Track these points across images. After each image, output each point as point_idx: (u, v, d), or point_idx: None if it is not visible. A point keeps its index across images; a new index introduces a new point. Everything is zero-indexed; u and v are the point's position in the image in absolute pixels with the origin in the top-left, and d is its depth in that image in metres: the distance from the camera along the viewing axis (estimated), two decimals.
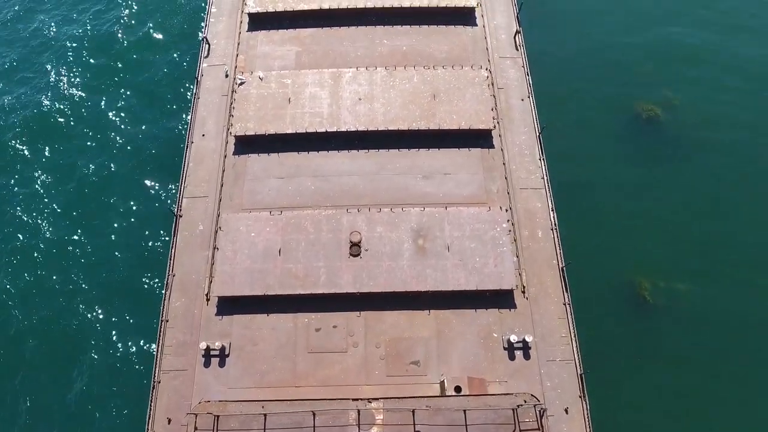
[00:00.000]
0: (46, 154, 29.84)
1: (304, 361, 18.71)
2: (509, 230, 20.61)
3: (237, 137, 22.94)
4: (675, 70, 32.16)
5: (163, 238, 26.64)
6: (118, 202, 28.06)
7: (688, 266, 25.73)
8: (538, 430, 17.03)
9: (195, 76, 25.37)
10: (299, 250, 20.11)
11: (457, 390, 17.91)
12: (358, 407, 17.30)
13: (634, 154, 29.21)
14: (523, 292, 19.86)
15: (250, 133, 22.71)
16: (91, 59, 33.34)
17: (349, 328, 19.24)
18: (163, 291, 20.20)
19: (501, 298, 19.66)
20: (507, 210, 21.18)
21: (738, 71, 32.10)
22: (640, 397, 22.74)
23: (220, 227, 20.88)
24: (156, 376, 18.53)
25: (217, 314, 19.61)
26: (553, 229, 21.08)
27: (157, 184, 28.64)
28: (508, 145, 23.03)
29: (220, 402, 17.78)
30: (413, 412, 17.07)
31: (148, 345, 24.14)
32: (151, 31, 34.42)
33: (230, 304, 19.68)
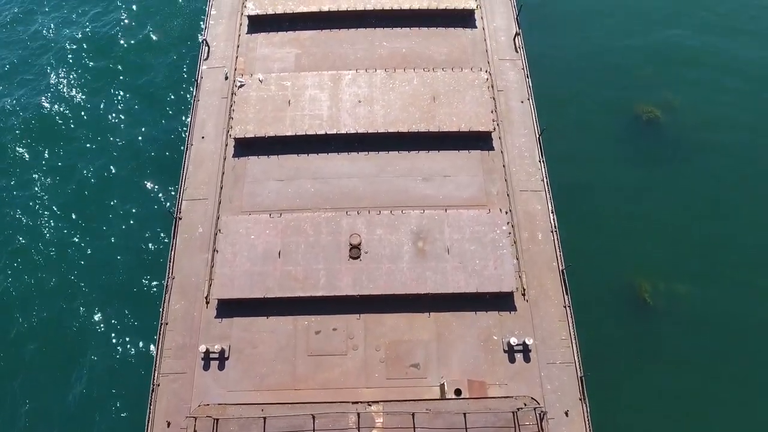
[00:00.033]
0: (46, 156, 29.86)
1: (303, 363, 18.68)
2: (509, 232, 20.59)
3: (237, 139, 22.93)
4: (675, 72, 32.17)
5: (163, 241, 26.64)
6: (118, 205, 28.07)
7: (689, 268, 25.74)
8: None
9: (195, 78, 25.40)
10: (299, 252, 20.09)
11: (457, 393, 17.87)
12: (358, 410, 17.29)
13: (634, 156, 29.22)
14: (523, 295, 19.85)
15: (250, 135, 22.69)
16: (91, 61, 33.38)
17: (349, 330, 19.21)
18: (163, 293, 20.19)
19: (501, 301, 19.65)
20: (507, 212, 21.16)
21: (738, 73, 32.13)
22: (640, 399, 22.73)
23: (220, 230, 20.86)
24: (155, 378, 18.51)
25: (216, 317, 19.59)
26: (553, 232, 21.07)
27: (157, 187, 28.64)
28: (507, 148, 23.02)
29: (219, 405, 17.77)
30: (413, 416, 17.06)
31: (148, 347, 24.15)
32: (151, 33, 34.45)
33: (230, 307, 19.66)
